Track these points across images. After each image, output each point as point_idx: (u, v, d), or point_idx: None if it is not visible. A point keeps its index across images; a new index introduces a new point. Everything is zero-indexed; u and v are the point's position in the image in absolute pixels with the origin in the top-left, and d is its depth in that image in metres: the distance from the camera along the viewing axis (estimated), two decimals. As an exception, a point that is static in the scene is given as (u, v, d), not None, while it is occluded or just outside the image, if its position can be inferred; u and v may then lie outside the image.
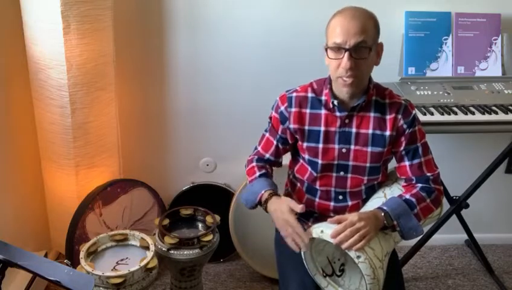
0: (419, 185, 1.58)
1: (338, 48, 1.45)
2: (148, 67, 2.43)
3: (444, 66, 2.37)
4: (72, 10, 1.92)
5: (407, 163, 1.59)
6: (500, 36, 2.37)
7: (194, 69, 2.44)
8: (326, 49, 1.51)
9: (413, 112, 1.58)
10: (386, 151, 1.58)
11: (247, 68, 2.45)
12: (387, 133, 1.56)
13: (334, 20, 1.48)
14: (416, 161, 1.58)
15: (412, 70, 2.36)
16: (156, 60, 2.42)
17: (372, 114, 1.56)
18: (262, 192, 1.59)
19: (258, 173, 1.66)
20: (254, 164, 1.70)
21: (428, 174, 1.58)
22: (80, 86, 2.04)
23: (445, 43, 2.37)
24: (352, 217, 1.40)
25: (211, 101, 2.50)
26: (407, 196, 1.54)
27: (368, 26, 1.45)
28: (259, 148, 1.73)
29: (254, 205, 1.63)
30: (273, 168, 1.76)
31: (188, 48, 2.41)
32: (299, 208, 1.47)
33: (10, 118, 2.16)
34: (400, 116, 1.56)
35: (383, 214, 1.47)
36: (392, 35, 2.34)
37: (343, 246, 1.37)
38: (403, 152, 1.58)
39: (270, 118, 1.68)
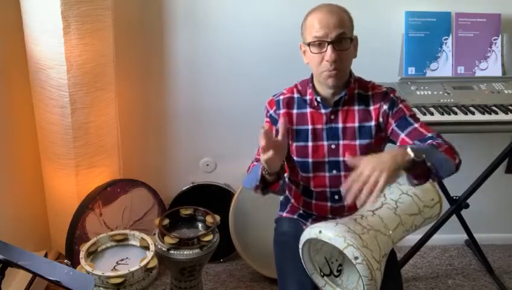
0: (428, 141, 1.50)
1: (320, 42, 1.48)
2: (148, 67, 2.44)
3: (444, 66, 2.37)
4: (72, 10, 1.92)
5: (403, 135, 1.54)
6: (500, 36, 2.37)
7: (194, 69, 2.44)
8: (302, 48, 1.56)
9: (392, 95, 1.58)
10: (373, 142, 1.58)
11: (248, 68, 2.45)
12: (372, 123, 1.57)
13: (310, 17, 1.52)
14: (410, 128, 1.53)
15: (412, 70, 2.36)
16: (156, 60, 2.42)
17: (356, 107, 1.58)
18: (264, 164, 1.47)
19: (257, 163, 1.61)
20: (254, 163, 1.68)
21: (429, 134, 1.51)
22: (80, 86, 2.04)
23: (445, 43, 2.37)
24: (361, 166, 1.26)
25: (211, 101, 2.50)
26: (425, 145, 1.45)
27: (344, 18, 1.49)
28: (256, 156, 1.69)
29: (258, 182, 1.51)
30: None
31: (188, 48, 2.41)
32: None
33: (10, 118, 2.16)
34: (382, 103, 1.57)
35: (408, 149, 1.31)
36: (392, 35, 2.35)
37: (361, 199, 1.23)
38: (395, 128, 1.56)
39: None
